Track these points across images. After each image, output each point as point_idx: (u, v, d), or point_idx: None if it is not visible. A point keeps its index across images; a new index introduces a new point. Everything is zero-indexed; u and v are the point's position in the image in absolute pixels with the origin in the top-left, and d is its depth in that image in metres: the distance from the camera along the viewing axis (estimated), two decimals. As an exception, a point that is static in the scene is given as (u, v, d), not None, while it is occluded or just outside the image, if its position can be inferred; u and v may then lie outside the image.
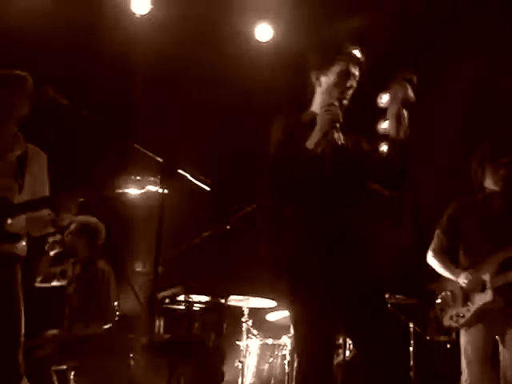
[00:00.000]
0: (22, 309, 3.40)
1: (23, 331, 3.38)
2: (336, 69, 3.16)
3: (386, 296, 5.18)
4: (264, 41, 6.10)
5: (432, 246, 4.11)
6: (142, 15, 5.69)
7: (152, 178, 3.18)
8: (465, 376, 3.82)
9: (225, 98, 5.72)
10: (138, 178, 3.22)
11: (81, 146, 4.85)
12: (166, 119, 5.67)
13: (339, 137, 3.09)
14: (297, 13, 5.89)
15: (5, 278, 3.37)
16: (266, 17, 6.05)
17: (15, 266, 3.44)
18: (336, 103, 3.06)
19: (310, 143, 2.97)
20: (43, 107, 3.28)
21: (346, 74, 3.13)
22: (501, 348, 3.75)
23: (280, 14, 5.99)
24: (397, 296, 5.33)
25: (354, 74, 3.15)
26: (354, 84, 3.15)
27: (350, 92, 3.15)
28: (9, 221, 3.32)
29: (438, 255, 4.06)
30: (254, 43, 6.08)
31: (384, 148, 3.19)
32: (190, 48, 5.84)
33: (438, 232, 4.10)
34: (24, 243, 3.47)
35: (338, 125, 3.03)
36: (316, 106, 3.22)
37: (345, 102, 3.13)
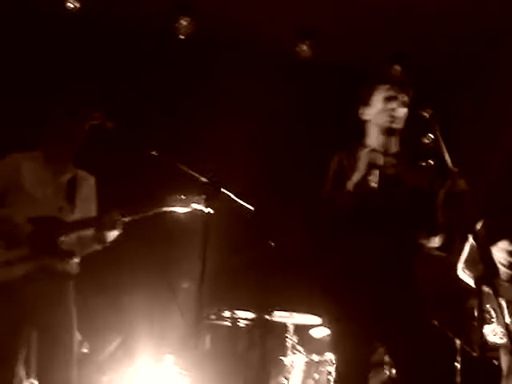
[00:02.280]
0: (75, 325, 3.48)
1: (76, 348, 3.47)
2: (378, 96, 3.17)
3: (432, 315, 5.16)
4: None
5: (462, 257, 4.06)
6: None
7: (197, 197, 3.26)
8: None
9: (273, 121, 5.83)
10: (184, 196, 3.31)
11: (128, 168, 4.99)
12: (213, 140, 5.77)
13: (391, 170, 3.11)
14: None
15: (58, 295, 3.48)
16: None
17: (68, 283, 3.54)
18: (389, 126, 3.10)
19: (349, 185, 3.01)
20: (92, 130, 3.39)
21: (388, 99, 3.13)
22: None
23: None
24: (442, 312, 5.28)
25: (397, 97, 3.12)
26: (403, 106, 3.12)
27: (401, 115, 3.13)
28: (62, 238, 3.44)
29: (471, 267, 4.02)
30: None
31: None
32: (227, 65, 5.97)
33: (470, 242, 4.05)
34: (76, 261, 3.59)
35: (381, 161, 3.08)
36: (368, 139, 3.21)
37: (395, 126, 3.14)
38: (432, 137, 4.19)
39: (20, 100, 5.38)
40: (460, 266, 4.05)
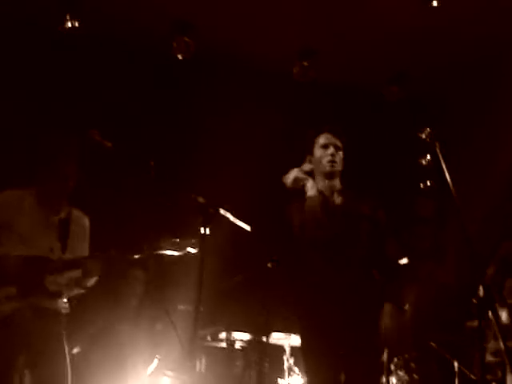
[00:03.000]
0: (67, 362, 3.46)
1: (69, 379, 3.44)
2: (317, 145, 3.71)
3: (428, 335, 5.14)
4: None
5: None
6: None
7: (192, 241, 3.24)
8: None
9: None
10: (178, 240, 3.28)
11: (123, 208, 4.97)
12: (210, 160, 5.76)
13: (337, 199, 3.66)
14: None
15: (46, 333, 3.45)
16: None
17: (58, 321, 3.51)
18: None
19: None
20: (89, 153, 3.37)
21: (325, 146, 3.67)
22: None
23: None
24: (439, 334, 5.26)
25: (332, 143, 3.67)
26: (338, 150, 3.67)
27: (338, 158, 3.68)
28: (49, 278, 3.42)
29: None
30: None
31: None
32: (225, 84, 5.97)
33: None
34: (65, 300, 3.57)
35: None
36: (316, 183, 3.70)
37: (335, 168, 3.67)
38: (429, 158, 4.21)
39: (13, 134, 5.34)
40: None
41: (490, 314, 3.74)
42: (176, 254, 3.33)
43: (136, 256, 3.41)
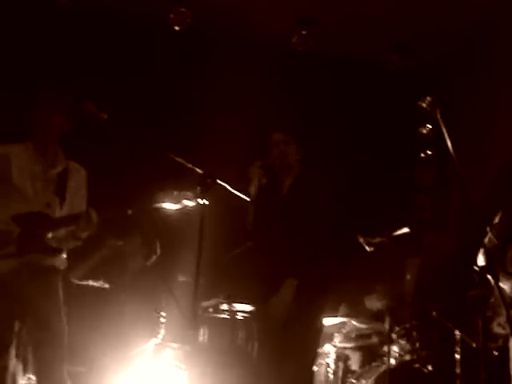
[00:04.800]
0: (64, 321, 3.47)
1: (66, 342, 3.45)
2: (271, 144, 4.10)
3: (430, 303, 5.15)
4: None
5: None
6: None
7: (189, 193, 3.22)
8: None
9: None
10: (175, 192, 3.26)
11: (119, 160, 4.94)
12: (208, 131, 5.74)
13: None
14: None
15: (46, 290, 3.45)
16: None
17: (56, 278, 3.52)
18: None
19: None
20: (84, 122, 3.35)
21: (275, 144, 4.07)
22: None
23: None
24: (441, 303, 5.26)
25: (281, 140, 4.05)
26: (286, 145, 4.04)
27: (288, 152, 4.05)
28: (49, 235, 3.41)
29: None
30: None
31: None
32: (222, 56, 5.93)
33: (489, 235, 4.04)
34: (64, 256, 3.56)
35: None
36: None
37: (287, 161, 4.06)
38: (430, 127, 4.17)
39: (8, 90, 5.32)
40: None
41: (492, 281, 3.76)
42: (174, 207, 3.31)
43: (130, 211, 3.39)
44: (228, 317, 5.02)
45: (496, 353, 5.25)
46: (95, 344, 4.75)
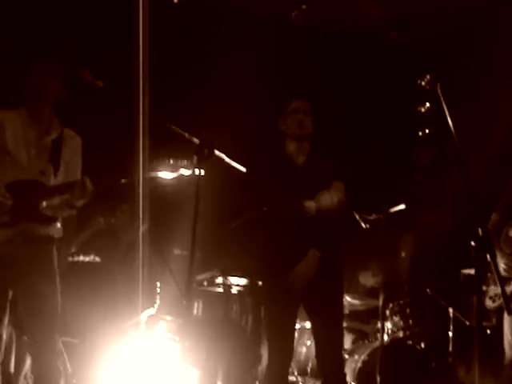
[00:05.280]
0: (58, 289, 3.46)
1: (59, 312, 3.45)
2: (288, 110, 3.98)
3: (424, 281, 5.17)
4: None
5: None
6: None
7: (185, 162, 3.19)
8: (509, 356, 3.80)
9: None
10: (171, 161, 3.23)
11: (114, 129, 4.91)
12: (206, 102, 5.70)
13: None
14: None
15: (41, 259, 3.44)
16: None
17: (51, 247, 3.50)
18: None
19: None
20: (80, 90, 3.31)
21: (294, 111, 3.94)
22: None
23: None
24: (435, 281, 5.29)
25: (302, 108, 3.93)
26: (306, 115, 3.93)
27: (306, 122, 3.93)
28: (44, 203, 3.38)
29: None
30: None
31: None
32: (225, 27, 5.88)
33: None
34: (59, 225, 3.54)
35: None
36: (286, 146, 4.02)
37: (304, 131, 3.94)
38: (429, 106, 4.16)
39: (2, 55, 5.25)
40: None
41: (488, 257, 3.75)
42: (170, 176, 3.29)
43: (124, 180, 3.36)
44: (222, 290, 5.02)
45: (489, 331, 5.30)
46: (88, 316, 4.76)
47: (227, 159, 3.27)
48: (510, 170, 4.60)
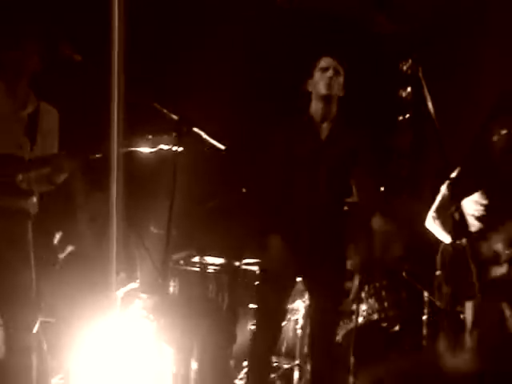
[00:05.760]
0: (32, 265, 3.43)
1: (34, 287, 3.42)
2: (317, 68, 3.69)
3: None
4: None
5: (433, 207, 4.09)
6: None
7: (164, 137, 3.16)
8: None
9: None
10: (150, 136, 3.20)
11: (92, 103, 4.85)
12: (186, 78, 5.65)
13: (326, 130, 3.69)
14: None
15: (16, 234, 3.40)
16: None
17: (26, 222, 3.46)
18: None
19: None
20: (58, 63, 3.26)
21: (324, 69, 3.64)
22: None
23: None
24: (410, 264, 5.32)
25: (332, 66, 3.64)
26: (336, 74, 3.64)
27: (336, 82, 3.65)
28: (20, 177, 3.34)
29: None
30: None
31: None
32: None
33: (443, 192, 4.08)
34: (35, 200, 3.50)
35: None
36: (311, 108, 3.75)
37: (332, 91, 3.64)
38: (410, 90, 4.20)
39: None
40: (430, 215, 4.05)
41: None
42: (149, 151, 3.25)
43: (98, 155, 3.32)
44: (199, 270, 5.02)
45: (462, 316, 5.36)
46: (64, 295, 4.73)
47: (206, 136, 3.24)
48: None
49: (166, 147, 3.18)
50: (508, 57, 5.73)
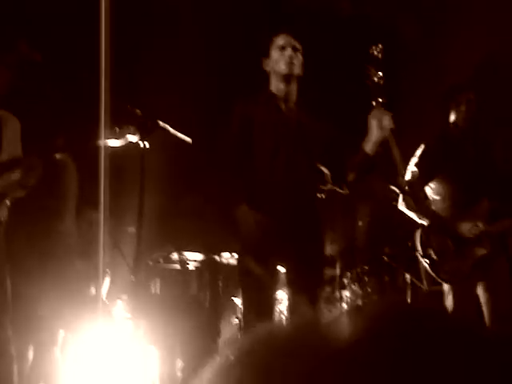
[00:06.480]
0: (6, 273, 3.38)
1: (9, 293, 3.37)
2: (274, 46, 3.46)
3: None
4: None
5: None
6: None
7: (132, 128, 3.10)
8: None
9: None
10: (117, 129, 3.14)
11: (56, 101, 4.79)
12: (147, 72, 5.59)
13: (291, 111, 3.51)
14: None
15: None
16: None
17: None
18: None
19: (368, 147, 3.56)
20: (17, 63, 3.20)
21: (283, 48, 3.42)
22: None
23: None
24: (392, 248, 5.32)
25: (290, 44, 3.43)
26: (295, 52, 3.43)
27: (296, 60, 3.44)
28: None
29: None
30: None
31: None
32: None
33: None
34: (5, 206, 3.45)
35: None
36: (271, 88, 3.53)
37: (293, 70, 3.43)
38: (380, 74, 4.19)
39: None
40: (401, 197, 4.05)
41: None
42: (117, 144, 3.19)
43: (59, 155, 3.27)
44: (179, 267, 4.98)
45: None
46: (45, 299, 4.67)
47: (172, 130, 3.19)
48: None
49: (133, 138, 3.10)
50: (478, 37, 5.74)
